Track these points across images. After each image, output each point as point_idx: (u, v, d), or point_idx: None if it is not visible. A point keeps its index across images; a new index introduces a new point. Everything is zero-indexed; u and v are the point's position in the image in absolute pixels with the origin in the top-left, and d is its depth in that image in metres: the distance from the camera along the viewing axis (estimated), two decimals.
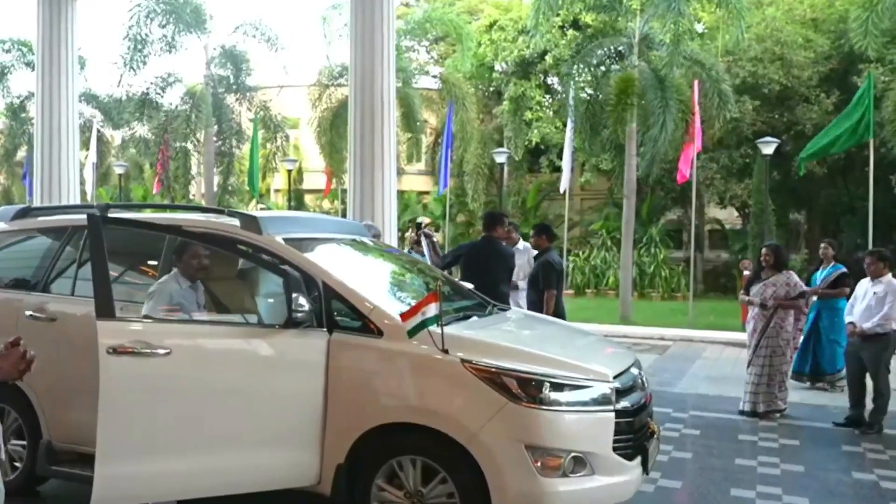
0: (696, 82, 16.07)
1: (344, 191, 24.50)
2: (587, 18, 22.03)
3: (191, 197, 27.41)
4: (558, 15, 19.78)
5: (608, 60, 19.33)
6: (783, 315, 7.09)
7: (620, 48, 18.72)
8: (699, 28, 22.79)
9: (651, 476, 4.74)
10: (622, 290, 17.56)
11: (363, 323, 3.85)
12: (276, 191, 30.85)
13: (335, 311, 3.93)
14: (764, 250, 7.47)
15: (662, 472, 5.28)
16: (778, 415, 7.12)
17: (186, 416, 3.61)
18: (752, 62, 20.13)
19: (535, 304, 6.79)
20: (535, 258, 7.40)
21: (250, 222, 4.25)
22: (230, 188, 23.78)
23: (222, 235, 4.21)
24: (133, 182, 29.62)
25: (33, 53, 23.20)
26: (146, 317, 3.80)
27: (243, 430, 3.70)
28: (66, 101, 11.37)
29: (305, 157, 28.60)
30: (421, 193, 29.25)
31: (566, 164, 18.73)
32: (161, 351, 3.53)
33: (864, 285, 6.82)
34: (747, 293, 7.37)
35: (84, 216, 4.76)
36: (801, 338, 7.90)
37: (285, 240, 4.21)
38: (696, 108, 15.64)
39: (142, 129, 24.22)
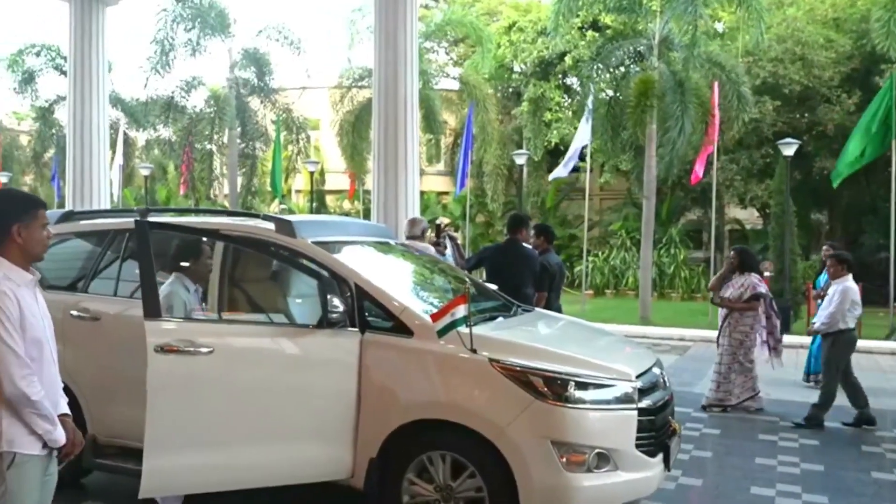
0: (715, 84, 16.09)
1: (366, 192, 24.74)
2: (607, 20, 22.06)
3: (212, 197, 27.77)
4: (578, 16, 19.84)
5: (628, 61, 19.36)
6: (737, 315, 7.42)
7: (640, 49, 18.75)
8: (719, 27, 22.75)
9: (672, 474, 4.87)
10: (642, 291, 17.61)
11: (394, 323, 4.00)
12: (298, 191, 31.16)
13: (367, 311, 4.09)
14: (731, 253, 7.84)
15: (683, 471, 5.39)
16: (743, 405, 7.45)
17: (227, 412, 3.79)
18: (773, 63, 20.07)
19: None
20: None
21: (285, 226, 4.40)
22: (253, 189, 24.09)
23: (260, 239, 4.37)
24: (157, 183, 30.07)
25: (62, 57, 23.80)
26: (189, 317, 3.98)
27: (281, 425, 3.87)
28: (97, 105, 11.67)
29: (326, 158, 28.87)
30: (440, 194, 29.43)
31: (570, 156, 18.29)
32: (204, 349, 3.71)
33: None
34: (721, 297, 7.64)
35: (124, 220, 5.01)
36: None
37: (317, 243, 4.38)
38: (716, 110, 15.66)
39: (166, 132, 24.59)
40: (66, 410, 2.78)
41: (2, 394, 2.50)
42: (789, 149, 15.58)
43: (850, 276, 7.04)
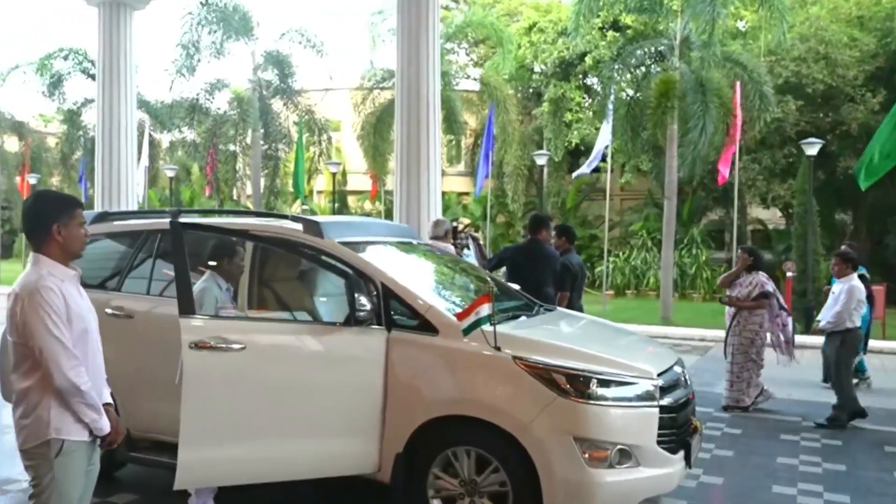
0: (737, 84, 16.02)
1: (387, 192, 24.89)
2: (627, 20, 22.03)
3: (234, 198, 28.07)
4: (598, 16, 19.82)
5: (648, 61, 19.32)
6: (745, 314, 7.46)
7: (661, 49, 18.71)
8: (741, 25, 22.62)
9: (693, 472, 4.93)
10: (663, 291, 17.57)
11: (419, 321, 4.10)
12: (319, 192, 31.40)
13: (393, 310, 4.18)
14: (741, 252, 7.92)
15: (704, 469, 5.44)
16: (755, 404, 7.50)
17: (259, 407, 3.90)
18: (796, 62, 19.93)
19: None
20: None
21: (312, 227, 4.51)
22: (275, 190, 24.33)
23: (288, 239, 4.49)
24: (181, 184, 30.46)
25: (88, 61, 24.20)
26: (222, 315, 4.11)
27: (310, 420, 3.98)
28: (125, 108, 11.90)
29: (346, 159, 29.09)
30: (461, 194, 29.52)
31: (593, 156, 18.28)
32: (236, 346, 3.83)
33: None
34: (729, 296, 7.70)
35: (157, 221, 5.15)
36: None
37: (343, 243, 4.48)
38: (738, 110, 15.59)
39: (190, 133, 24.89)
40: (109, 400, 2.91)
41: (51, 384, 2.64)
42: (812, 148, 15.48)
43: (855, 275, 7.12)
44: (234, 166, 24.16)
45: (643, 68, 19.15)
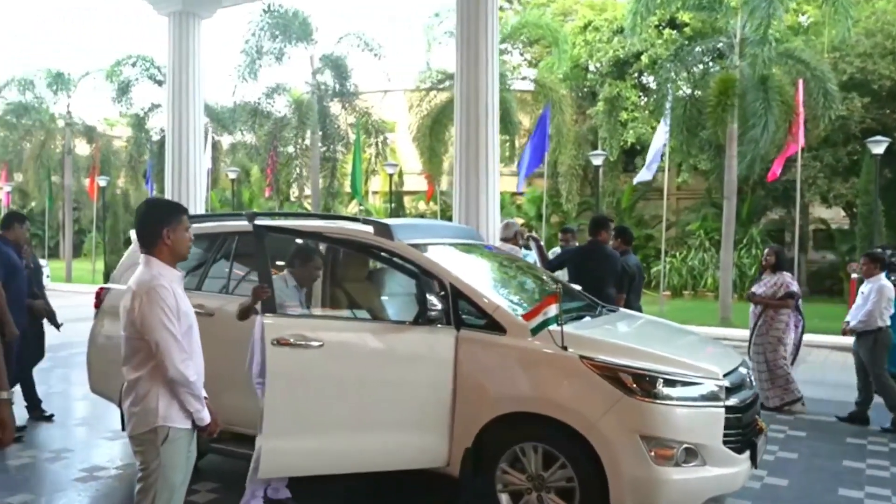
0: (800, 81, 15.71)
1: (442, 193, 25.09)
2: (685, 17, 21.77)
3: (292, 199, 28.67)
4: (655, 14, 19.65)
5: (707, 59, 19.07)
6: (771, 314, 7.43)
7: (720, 47, 18.45)
8: (803, 20, 22.11)
9: (757, 473, 4.94)
10: (722, 292, 17.33)
11: (487, 321, 4.24)
12: (374, 193, 31.81)
13: (461, 309, 4.33)
14: (766, 251, 7.91)
15: (769, 471, 5.44)
16: (790, 407, 7.42)
17: (335, 401, 4.10)
18: (861, 58, 19.43)
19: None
20: None
21: (383, 229, 4.67)
22: (332, 191, 24.79)
23: (361, 241, 4.68)
24: (240, 185, 31.21)
25: (155, 67, 25.06)
26: (301, 314, 4.33)
27: (383, 415, 4.15)
28: (193, 113, 12.31)
29: (400, 160, 29.41)
30: (514, 195, 29.52)
31: (652, 158, 18.06)
32: (315, 343, 4.03)
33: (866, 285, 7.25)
34: (754, 293, 7.72)
35: (233, 223, 5.40)
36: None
37: (412, 245, 4.65)
38: (801, 108, 15.29)
39: (249, 136, 25.50)
40: (205, 394, 3.12)
41: (161, 375, 2.86)
42: (879, 147, 15.10)
43: (883, 275, 7.13)
44: (294, 168, 24.68)
45: (700, 66, 18.92)
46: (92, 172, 26.14)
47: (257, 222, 4.34)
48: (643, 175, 17.97)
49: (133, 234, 6.02)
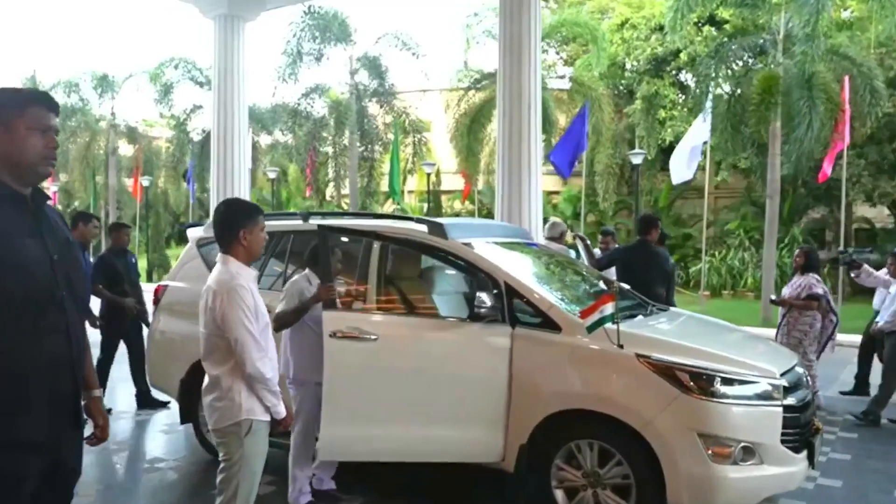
0: (845, 78, 15.43)
1: (479, 192, 25.12)
2: (725, 14, 21.49)
3: (329, 199, 28.93)
4: (695, 11, 19.45)
5: (748, 57, 18.80)
6: (795, 315, 7.37)
7: (762, 44, 18.19)
8: (846, 15, 21.69)
9: (810, 474, 4.89)
10: (764, 292, 17.09)
11: (542, 319, 4.28)
12: (410, 192, 31.97)
13: (515, 307, 4.38)
14: (797, 251, 7.80)
15: (822, 472, 5.39)
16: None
17: (390, 392, 4.22)
18: None
19: None
20: None
21: (437, 228, 4.75)
22: (370, 190, 24.99)
23: (416, 240, 4.76)
24: (278, 185, 31.60)
25: (197, 69, 25.49)
26: (358, 308, 4.44)
27: (439, 408, 4.24)
28: (238, 114, 12.56)
29: (437, 159, 29.52)
30: (550, 193, 29.45)
31: (689, 156, 17.65)
32: (371, 336, 4.14)
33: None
34: (773, 298, 7.77)
35: (287, 223, 5.52)
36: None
37: (465, 243, 4.71)
38: (847, 106, 15.00)
39: (288, 136, 25.79)
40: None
41: (241, 371, 2.97)
42: None
43: None
44: (332, 168, 24.94)
45: (740, 62, 18.66)
46: (135, 172, 26.71)
47: (304, 222, 4.44)
48: (683, 174, 17.66)
49: (190, 232, 6.21)
